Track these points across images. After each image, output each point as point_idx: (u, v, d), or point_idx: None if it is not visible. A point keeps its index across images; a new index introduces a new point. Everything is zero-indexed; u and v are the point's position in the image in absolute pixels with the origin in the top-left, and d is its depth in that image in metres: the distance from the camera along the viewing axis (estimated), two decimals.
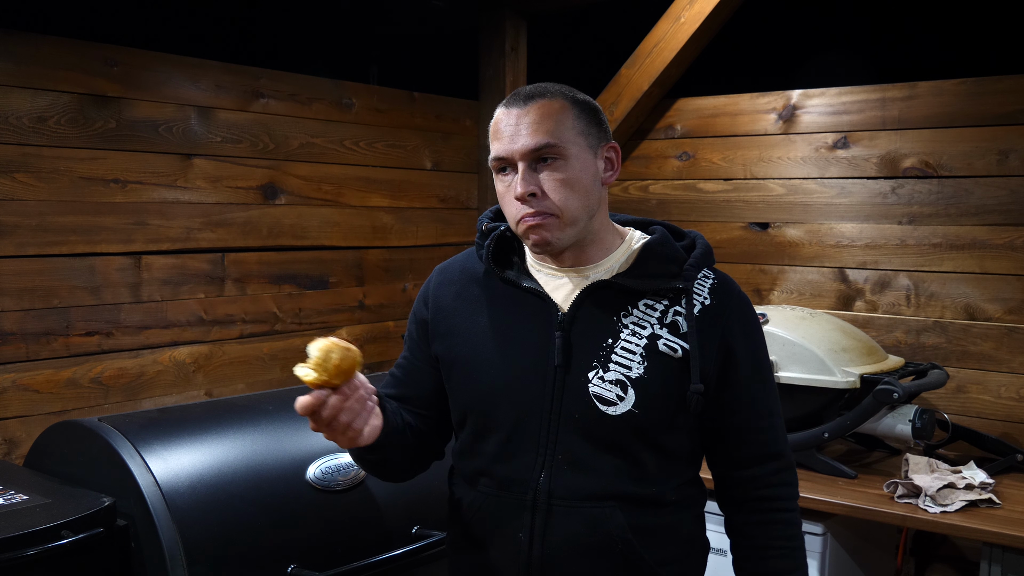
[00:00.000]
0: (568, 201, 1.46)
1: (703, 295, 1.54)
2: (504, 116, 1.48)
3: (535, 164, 1.46)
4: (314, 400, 1.35)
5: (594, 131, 1.50)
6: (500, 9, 3.64)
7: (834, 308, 3.27)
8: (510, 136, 1.46)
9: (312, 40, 3.57)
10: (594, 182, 1.50)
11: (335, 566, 2.01)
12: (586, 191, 1.48)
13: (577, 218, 1.48)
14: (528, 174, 1.46)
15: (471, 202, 3.80)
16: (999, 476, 2.67)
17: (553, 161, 1.46)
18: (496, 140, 1.49)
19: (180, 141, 2.82)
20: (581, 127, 1.48)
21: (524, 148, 1.45)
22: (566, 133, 1.46)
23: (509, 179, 1.49)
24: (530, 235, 1.49)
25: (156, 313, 2.79)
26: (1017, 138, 2.93)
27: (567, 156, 1.46)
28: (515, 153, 1.46)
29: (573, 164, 1.47)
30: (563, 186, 1.46)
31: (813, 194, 3.32)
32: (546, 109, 1.46)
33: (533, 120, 1.45)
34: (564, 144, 1.46)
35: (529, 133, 1.45)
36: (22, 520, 1.75)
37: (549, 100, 1.47)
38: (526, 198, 1.46)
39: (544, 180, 1.46)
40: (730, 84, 3.56)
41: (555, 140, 1.45)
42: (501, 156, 1.48)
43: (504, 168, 1.49)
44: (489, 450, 1.55)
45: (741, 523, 1.59)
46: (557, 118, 1.46)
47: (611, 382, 1.48)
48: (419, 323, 1.65)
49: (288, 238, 3.13)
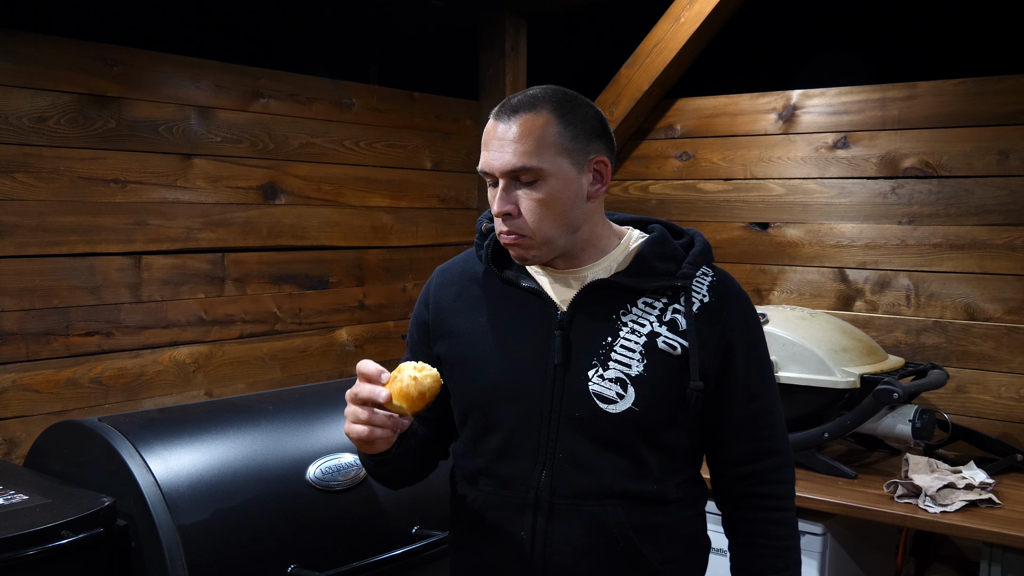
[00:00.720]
0: (541, 222, 1.47)
1: (702, 292, 1.54)
2: (491, 128, 1.48)
3: (514, 183, 1.47)
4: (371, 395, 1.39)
5: (581, 146, 1.48)
6: (500, 9, 3.64)
7: (834, 308, 3.27)
8: (494, 151, 1.47)
9: (312, 40, 3.57)
10: (576, 199, 1.49)
11: (335, 566, 2.01)
12: (564, 210, 1.48)
13: (551, 238, 1.48)
14: (505, 193, 1.47)
15: (471, 202, 3.80)
16: (999, 476, 2.67)
17: (531, 182, 1.46)
18: (483, 151, 1.50)
19: (180, 141, 2.82)
20: (565, 143, 1.46)
21: (503, 167, 1.46)
22: (546, 152, 1.45)
23: (493, 191, 1.50)
24: (509, 250, 1.52)
25: (156, 313, 2.79)
26: (1017, 138, 2.93)
27: (545, 177, 1.45)
28: (495, 170, 1.47)
29: (552, 184, 1.46)
30: (539, 207, 1.46)
31: (813, 194, 3.32)
32: (529, 126, 1.45)
33: (514, 138, 1.45)
34: (542, 166, 1.45)
35: (509, 152, 1.45)
36: (22, 520, 1.75)
37: (534, 115, 1.45)
38: (502, 217, 1.48)
39: (521, 199, 1.47)
40: (730, 84, 3.56)
41: (532, 163, 1.44)
42: (483, 170, 1.50)
43: (491, 179, 1.50)
44: (490, 449, 1.55)
45: (737, 520, 1.59)
46: (539, 136, 1.45)
47: (611, 380, 1.48)
48: (420, 325, 1.66)
49: (288, 238, 3.13)
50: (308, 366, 3.22)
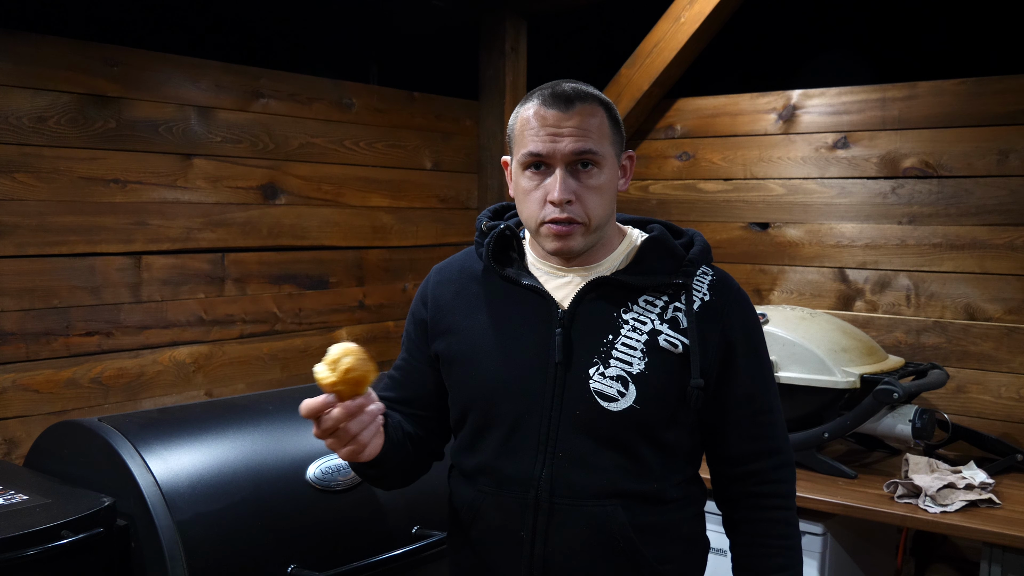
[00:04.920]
0: (598, 209, 1.48)
1: (702, 291, 1.54)
2: (544, 114, 1.47)
3: (572, 168, 1.47)
4: (319, 404, 1.35)
5: (620, 139, 1.53)
6: (500, 9, 3.64)
7: (834, 308, 3.27)
8: (551, 136, 1.46)
9: (312, 40, 3.57)
10: (616, 190, 1.53)
11: (335, 566, 2.01)
12: (612, 199, 1.52)
13: (601, 225, 1.51)
14: (566, 179, 1.46)
15: (471, 202, 3.80)
16: (999, 476, 2.67)
17: (591, 168, 1.47)
18: (534, 137, 1.47)
19: (180, 141, 2.82)
20: (613, 135, 1.51)
21: (568, 151, 1.45)
22: (604, 140, 1.48)
23: (539, 178, 1.48)
24: (553, 240, 1.49)
25: (156, 313, 2.79)
26: (1017, 138, 2.93)
27: (603, 164, 1.48)
28: (557, 154, 1.46)
29: (606, 172, 1.49)
30: (596, 194, 1.48)
31: (813, 194, 3.32)
32: (589, 113, 1.47)
33: (577, 124, 1.45)
34: (602, 152, 1.47)
35: (574, 137, 1.45)
36: (22, 520, 1.75)
37: (591, 105, 1.48)
38: (563, 204, 1.46)
39: (581, 186, 1.47)
40: (730, 84, 3.56)
41: (597, 147, 1.47)
42: (540, 153, 1.46)
43: (537, 165, 1.48)
44: (489, 448, 1.55)
45: (738, 520, 1.59)
46: (598, 124, 1.47)
47: (612, 378, 1.48)
48: (418, 323, 1.65)
49: (288, 238, 3.13)
50: (308, 366, 3.19)
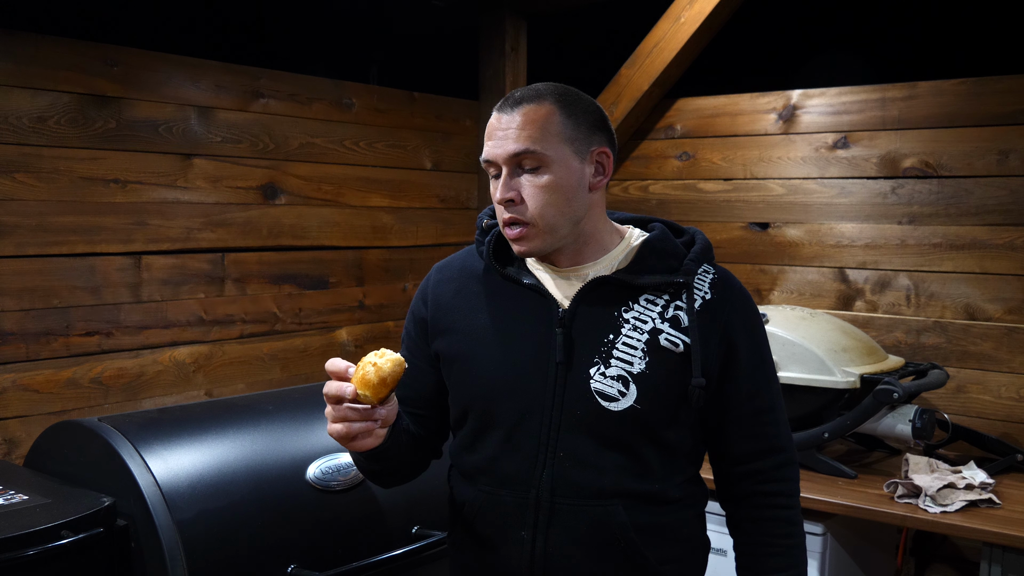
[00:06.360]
0: (544, 208, 1.47)
1: (704, 290, 1.54)
2: (494, 120, 1.51)
3: (517, 170, 1.48)
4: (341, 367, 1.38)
5: (583, 136, 1.50)
6: (500, 9, 3.64)
7: (834, 308, 3.27)
8: (497, 140, 1.49)
9: (312, 40, 3.58)
10: (578, 188, 1.50)
11: (335, 566, 2.01)
12: (566, 198, 1.48)
13: (555, 225, 1.49)
14: (508, 180, 1.48)
15: (471, 202, 3.80)
16: (999, 476, 2.67)
17: (534, 168, 1.47)
18: (486, 142, 1.51)
19: (180, 141, 2.82)
20: (567, 132, 1.48)
21: (506, 153, 1.47)
22: (549, 139, 1.47)
23: (496, 183, 1.51)
24: (512, 243, 1.52)
25: (156, 313, 2.79)
26: (1017, 138, 2.93)
27: (547, 163, 1.47)
28: (498, 157, 1.48)
29: (554, 170, 1.47)
30: (541, 192, 1.47)
31: (813, 194, 3.32)
32: (532, 115, 1.47)
33: (518, 125, 1.47)
34: (544, 151, 1.46)
35: (512, 139, 1.47)
36: (22, 520, 1.75)
37: (537, 105, 1.48)
38: (504, 203, 1.48)
39: (524, 186, 1.48)
40: (730, 84, 3.56)
41: (535, 147, 1.46)
42: (487, 159, 1.51)
43: (496, 172, 1.51)
44: (489, 447, 1.54)
45: (741, 519, 1.59)
46: (542, 124, 1.47)
47: (613, 378, 1.48)
48: (418, 322, 1.65)
49: (288, 238, 3.13)
50: (308, 366, 3.22)
